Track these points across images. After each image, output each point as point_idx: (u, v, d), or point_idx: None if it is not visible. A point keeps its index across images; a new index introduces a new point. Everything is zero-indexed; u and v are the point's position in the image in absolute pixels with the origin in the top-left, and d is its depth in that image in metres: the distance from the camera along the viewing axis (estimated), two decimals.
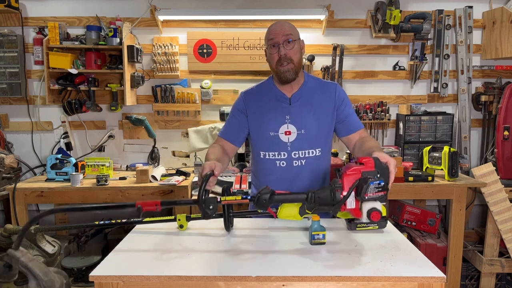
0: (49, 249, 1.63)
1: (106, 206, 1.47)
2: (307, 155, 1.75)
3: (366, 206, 1.39)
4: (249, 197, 1.43)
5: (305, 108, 1.75)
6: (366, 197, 1.35)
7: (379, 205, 1.39)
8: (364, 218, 1.40)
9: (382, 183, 1.36)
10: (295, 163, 1.74)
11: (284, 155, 1.74)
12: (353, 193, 1.38)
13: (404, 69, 3.29)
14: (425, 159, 2.88)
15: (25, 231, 1.28)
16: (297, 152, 1.74)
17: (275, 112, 1.76)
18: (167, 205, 1.49)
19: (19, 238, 1.25)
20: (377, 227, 1.54)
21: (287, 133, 1.74)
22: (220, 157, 1.68)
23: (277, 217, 1.56)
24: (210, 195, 1.44)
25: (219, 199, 1.41)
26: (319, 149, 1.76)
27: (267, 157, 1.77)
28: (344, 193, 1.37)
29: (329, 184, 1.87)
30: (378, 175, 1.36)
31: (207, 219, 1.47)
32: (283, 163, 1.75)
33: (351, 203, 1.40)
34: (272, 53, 1.71)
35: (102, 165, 2.89)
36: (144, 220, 1.58)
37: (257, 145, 1.80)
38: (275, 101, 1.78)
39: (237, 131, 1.83)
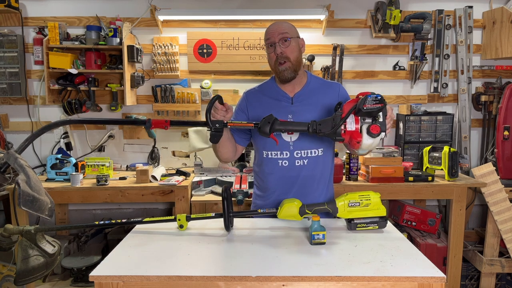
0: (49, 249, 1.62)
1: (118, 121, 1.59)
2: (309, 155, 1.75)
3: (365, 125, 1.46)
4: (254, 122, 1.56)
5: (308, 107, 1.75)
6: (365, 108, 1.42)
7: (378, 124, 1.46)
8: (365, 137, 1.46)
9: (379, 97, 1.44)
10: (298, 162, 1.74)
11: (286, 154, 1.75)
12: (353, 117, 1.47)
13: (404, 69, 3.29)
14: (425, 159, 2.88)
15: (35, 136, 1.30)
16: (299, 152, 1.74)
17: (277, 111, 1.76)
18: (176, 124, 1.66)
19: (24, 143, 1.26)
20: (377, 227, 1.54)
21: (290, 132, 1.74)
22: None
23: (278, 144, 1.67)
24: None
25: (225, 122, 1.57)
26: (321, 149, 1.76)
27: (269, 156, 1.77)
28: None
29: (332, 186, 1.88)
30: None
31: (213, 142, 1.60)
32: (285, 163, 1.75)
33: (351, 124, 1.48)
34: (270, 52, 1.73)
35: (102, 165, 2.89)
36: (144, 220, 1.58)
37: (260, 144, 1.81)
38: (277, 100, 1.78)
39: (239, 131, 1.83)
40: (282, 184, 1.77)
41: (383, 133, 1.45)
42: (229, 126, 1.60)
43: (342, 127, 1.48)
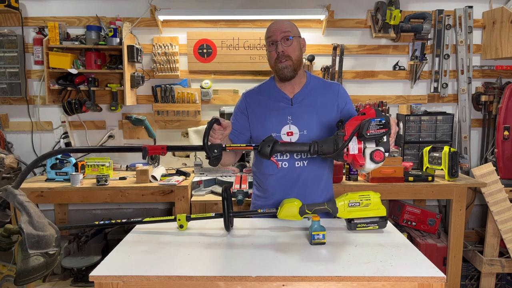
0: None
1: (114, 148, 1.54)
2: (309, 156, 1.74)
3: (369, 150, 1.40)
4: (253, 145, 1.49)
5: (308, 108, 1.74)
6: (368, 134, 1.36)
7: (381, 149, 1.40)
8: (368, 162, 1.41)
9: (383, 121, 1.37)
10: (297, 164, 1.74)
11: (286, 156, 1.74)
12: (355, 140, 1.41)
13: (404, 69, 3.29)
14: (425, 159, 2.88)
15: (29, 169, 1.30)
16: (299, 153, 1.74)
17: (276, 113, 1.75)
18: (173, 149, 1.56)
19: (21, 177, 1.26)
20: (377, 227, 1.54)
21: (289, 134, 1.73)
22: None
23: (279, 167, 1.62)
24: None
25: (224, 145, 1.48)
26: None
27: None
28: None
29: (331, 186, 1.87)
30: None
31: (212, 165, 1.53)
32: (285, 164, 1.74)
33: (353, 148, 1.42)
34: (271, 50, 1.72)
35: (102, 165, 2.89)
36: (144, 220, 1.58)
37: None
38: (277, 101, 1.77)
39: (239, 133, 1.82)
40: (282, 185, 1.76)
41: (387, 154, 1.42)
42: (228, 150, 1.51)
43: (345, 149, 1.43)
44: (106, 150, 1.47)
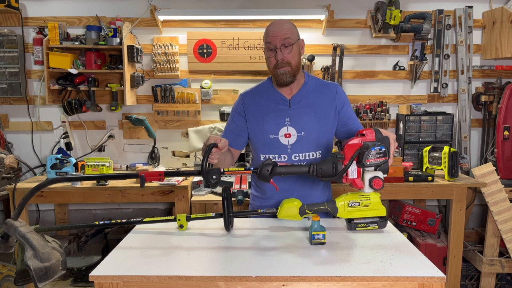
0: None
1: (110, 176, 1.53)
2: (307, 158, 1.74)
3: (368, 175, 1.40)
4: (252, 169, 1.48)
5: (305, 110, 1.74)
6: (368, 163, 1.36)
7: (381, 174, 1.40)
8: (367, 187, 1.42)
9: (384, 149, 1.37)
10: None
11: (284, 157, 1.73)
12: (355, 163, 1.40)
13: (404, 69, 3.29)
14: (425, 159, 2.88)
15: (26, 200, 1.29)
16: (297, 155, 1.73)
17: (274, 115, 1.75)
18: (170, 175, 1.55)
19: (19, 208, 1.25)
20: (377, 227, 1.54)
21: (287, 135, 1.73)
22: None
23: (279, 190, 1.61)
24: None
25: (222, 170, 1.46)
26: (320, 151, 1.75)
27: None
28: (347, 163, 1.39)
29: (330, 186, 1.87)
30: (379, 143, 1.39)
31: (211, 188, 1.51)
32: None
33: (352, 172, 1.42)
34: (269, 56, 1.70)
35: (102, 165, 2.88)
36: (144, 220, 1.58)
37: (257, 147, 1.80)
38: (274, 103, 1.76)
39: (237, 135, 1.82)
40: (280, 186, 1.75)
41: (385, 175, 1.42)
42: (227, 175, 1.50)
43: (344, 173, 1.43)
44: (101, 178, 1.41)
